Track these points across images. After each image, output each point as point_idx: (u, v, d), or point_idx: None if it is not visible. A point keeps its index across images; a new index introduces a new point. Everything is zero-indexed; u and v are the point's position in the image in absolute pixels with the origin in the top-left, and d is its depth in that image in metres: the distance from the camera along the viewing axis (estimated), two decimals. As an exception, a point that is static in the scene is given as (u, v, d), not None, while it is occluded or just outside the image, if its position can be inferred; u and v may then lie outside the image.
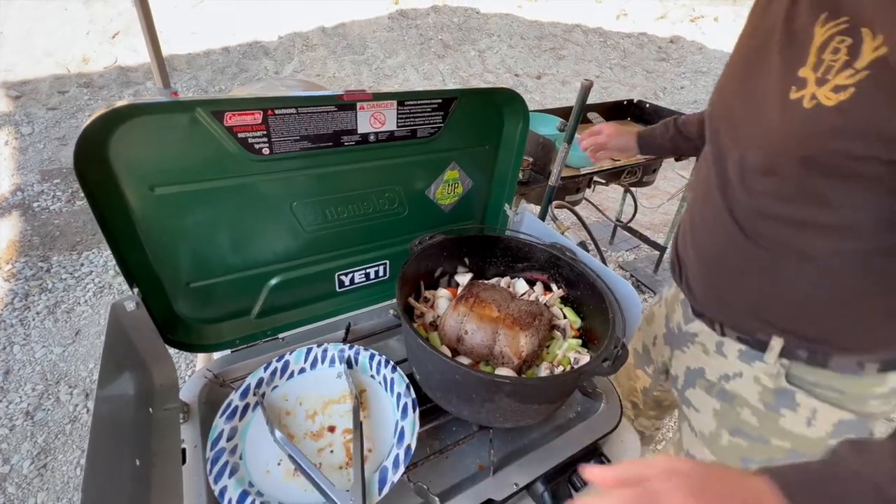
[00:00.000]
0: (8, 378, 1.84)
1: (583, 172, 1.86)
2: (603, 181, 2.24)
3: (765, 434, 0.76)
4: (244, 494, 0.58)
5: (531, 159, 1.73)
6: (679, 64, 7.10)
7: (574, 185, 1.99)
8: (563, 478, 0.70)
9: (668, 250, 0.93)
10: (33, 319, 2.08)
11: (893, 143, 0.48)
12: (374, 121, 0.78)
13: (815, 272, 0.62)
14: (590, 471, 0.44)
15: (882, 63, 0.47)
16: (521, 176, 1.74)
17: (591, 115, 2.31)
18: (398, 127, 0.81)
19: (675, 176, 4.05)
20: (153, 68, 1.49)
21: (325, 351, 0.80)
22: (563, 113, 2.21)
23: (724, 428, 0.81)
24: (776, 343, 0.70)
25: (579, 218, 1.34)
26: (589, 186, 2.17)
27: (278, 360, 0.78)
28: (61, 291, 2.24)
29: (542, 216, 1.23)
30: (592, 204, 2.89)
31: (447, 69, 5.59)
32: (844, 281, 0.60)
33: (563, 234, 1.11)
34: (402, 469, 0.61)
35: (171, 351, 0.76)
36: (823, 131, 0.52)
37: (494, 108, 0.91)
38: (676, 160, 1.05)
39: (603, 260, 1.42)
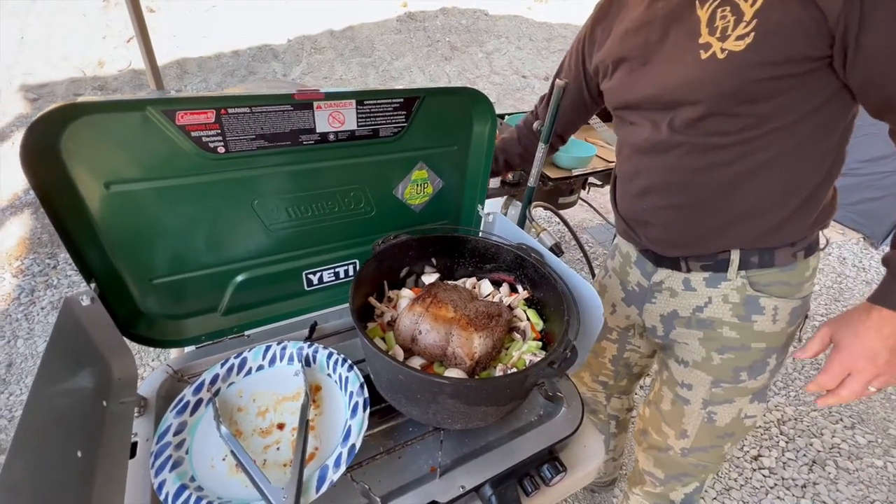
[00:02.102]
0: (10, 370, 1.90)
1: (575, 174, 1.84)
2: (599, 183, 2.21)
3: (745, 343, 0.88)
4: (182, 488, 0.59)
5: (520, 160, 1.72)
6: (692, 65, 6.97)
7: (567, 187, 1.97)
8: (512, 481, 0.69)
9: (617, 224, 1.03)
10: (37, 314, 2.15)
11: (800, 62, 0.64)
12: (333, 120, 0.78)
13: (757, 179, 0.75)
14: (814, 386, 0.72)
15: (763, 11, 0.63)
16: (510, 177, 1.73)
17: (588, 117, 2.28)
18: (359, 126, 0.81)
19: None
20: (147, 72, 1.52)
21: (283, 348, 0.81)
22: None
23: (712, 350, 0.91)
24: (735, 255, 0.83)
25: (562, 219, 1.32)
26: (584, 188, 2.14)
27: (236, 357, 0.78)
28: (65, 287, 2.31)
29: (522, 217, 1.21)
30: (592, 207, 2.86)
31: (454, 71, 5.60)
32: (778, 181, 0.75)
33: (538, 235, 1.10)
34: (342, 468, 0.61)
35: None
36: (742, 68, 0.66)
37: (461, 109, 0.90)
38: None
39: (588, 261, 1.40)
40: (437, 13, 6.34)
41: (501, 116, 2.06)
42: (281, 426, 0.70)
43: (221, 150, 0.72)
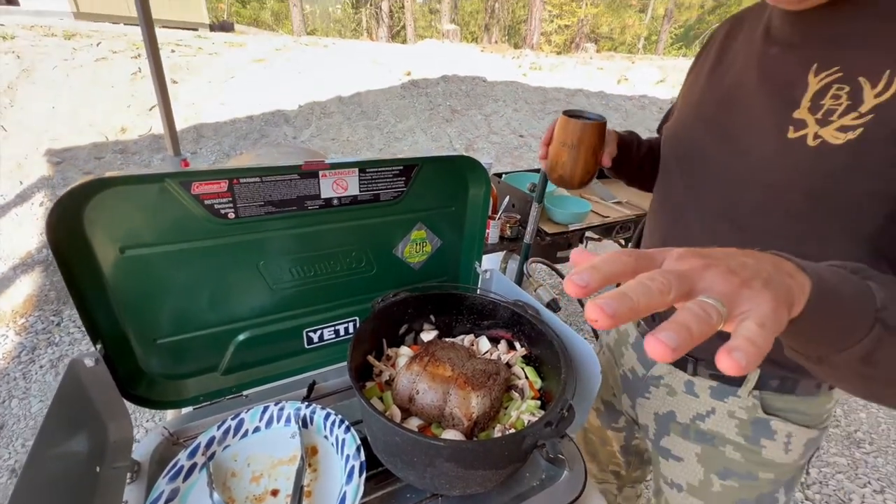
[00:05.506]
0: (1, 433, 1.85)
1: (571, 229, 1.89)
2: (596, 237, 2.26)
3: (751, 469, 0.76)
4: (169, 562, 0.57)
5: (518, 216, 1.78)
6: (681, 123, 7.33)
7: (564, 241, 2.01)
8: (514, 554, 0.66)
9: None
10: (35, 373, 2.13)
11: None
12: (337, 186, 0.83)
13: None
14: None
15: (886, 107, 0.49)
16: (508, 232, 1.79)
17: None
18: (361, 192, 0.86)
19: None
20: (166, 138, 1.64)
21: (281, 409, 0.81)
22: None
23: (712, 472, 0.80)
24: (752, 376, 0.72)
25: (559, 273, 1.35)
26: (581, 242, 2.19)
27: (233, 419, 0.78)
28: (67, 345, 2.30)
29: (519, 273, 1.24)
30: (591, 259, 2.89)
31: (454, 132, 5.91)
32: None
33: (535, 290, 1.12)
34: (336, 539, 0.59)
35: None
36: (833, 168, 0.53)
37: (457, 173, 0.96)
38: (626, 182, 1.02)
39: (587, 316, 1.40)
40: (438, 80, 6.82)
41: (500, 175, 2.16)
42: (275, 493, 0.69)
43: (231, 215, 0.76)
